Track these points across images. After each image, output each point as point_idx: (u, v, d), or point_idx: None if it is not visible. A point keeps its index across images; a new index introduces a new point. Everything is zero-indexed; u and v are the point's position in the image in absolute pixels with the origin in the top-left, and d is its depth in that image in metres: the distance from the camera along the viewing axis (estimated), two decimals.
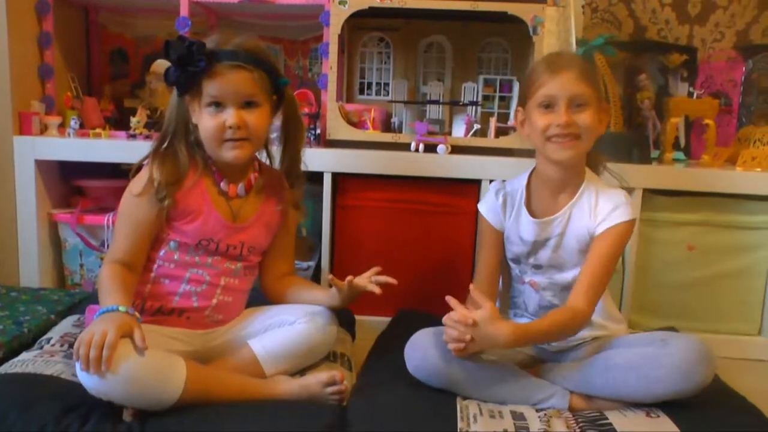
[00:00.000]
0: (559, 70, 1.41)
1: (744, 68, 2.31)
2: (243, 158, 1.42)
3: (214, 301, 1.46)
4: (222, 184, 1.45)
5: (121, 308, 1.24)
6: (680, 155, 2.20)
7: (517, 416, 1.31)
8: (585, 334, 1.49)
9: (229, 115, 1.37)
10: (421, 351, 1.39)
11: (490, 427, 1.25)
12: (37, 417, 1.19)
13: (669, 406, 1.33)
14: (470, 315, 1.31)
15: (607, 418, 1.31)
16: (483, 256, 1.59)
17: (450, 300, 1.36)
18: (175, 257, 1.43)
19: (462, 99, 2.19)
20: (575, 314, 1.39)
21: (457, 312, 1.33)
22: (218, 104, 1.37)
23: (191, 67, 1.33)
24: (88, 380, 1.19)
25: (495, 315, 1.32)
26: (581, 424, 1.30)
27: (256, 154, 1.53)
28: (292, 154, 1.55)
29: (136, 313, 1.26)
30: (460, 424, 1.26)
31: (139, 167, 1.44)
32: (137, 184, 1.40)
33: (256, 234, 1.50)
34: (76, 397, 1.22)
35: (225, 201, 1.46)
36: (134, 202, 1.39)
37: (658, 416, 1.31)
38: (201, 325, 1.46)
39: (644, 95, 2.21)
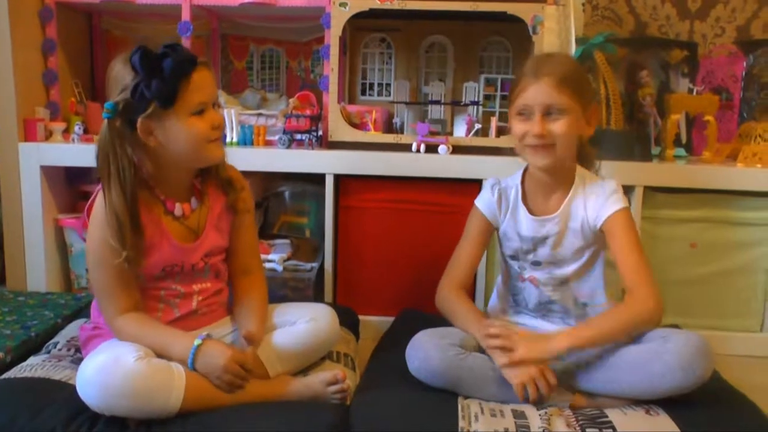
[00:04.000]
0: (538, 78, 1.41)
1: (745, 63, 2.30)
2: (224, 153, 1.43)
3: (194, 305, 1.46)
4: (176, 211, 1.42)
5: (197, 341, 1.30)
6: (681, 152, 2.20)
7: (518, 415, 1.32)
8: None
9: (215, 115, 1.37)
10: (423, 351, 1.41)
11: (491, 426, 1.27)
12: (47, 421, 1.22)
13: (668, 404, 1.34)
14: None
15: (607, 416, 1.33)
16: (467, 247, 1.59)
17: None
18: (144, 284, 1.41)
19: (463, 99, 2.20)
20: (643, 305, 1.39)
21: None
22: (202, 109, 1.35)
23: (189, 68, 1.30)
24: (91, 398, 1.21)
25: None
26: (581, 422, 1.31)
27: None
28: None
29: (208, 334, 1.33)
30: (461, 423, 1.27)
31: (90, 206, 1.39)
32: (95, 236, 1.34)
33: (213, 238, 1.47)
34: (84, 402, 1.23)
35: (179, 224, 1.43)
36: (102, 257, 1.33)
37: (658, 414, 1.33)
38: (194, 326, 1.45)
39: (645, 92, 2.21)
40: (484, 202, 1.59)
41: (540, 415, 1.33)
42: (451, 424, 1.27)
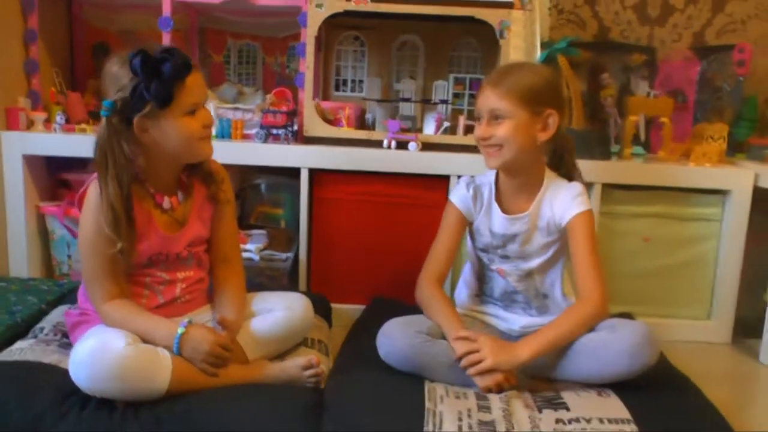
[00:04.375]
0: (488, 86, 1.54)
1: (699, 68, 2.44)
2: (212, 150, 1.52)
3: (178, 292, 1.54)
4: (164, 204, 1.50)
5: (180, 329, 1.38)
6: (640, 150, 2.32)
7: (480, 397, 1.43)
8: (547, 318, 1.62)
9: (206, 115, 1.47)
10: (392, 339, 1.51)
11: (454, 407, 1.37)
12: (40, 401, 1.29)
13: (618, 386, 1.46)
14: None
15: (562, 398, 1.44)
16: (444, 241, 1.67)
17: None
18: (130, 271, 1.48)
19: (433, 97, 2.29)
20: (593, 308, 1.52)
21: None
22: (194, 109, 1.44)
23: (185, 72, 1.38)
24: (82, 380, 1.29)
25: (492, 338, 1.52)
26: (539, 403, 1.42)
27: None
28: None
29: (189, 321, 1.41)
30: (427, 404, 1.37)
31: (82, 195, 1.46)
32: (89, 226, 1.41)
33: (196, 228, 1.56)
34: (74, 384, 1.30)
35: (167, 215, 1.51)
36: (94, 245, 1.41)
37: (609, 396, 1.45)
38: (177, 312, 1.52)
39: (607, 93, 2.34)
40: (459, 198, 1.67)
41: (500, 397, 1.43)
42: (418, 405, 1.37)
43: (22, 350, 1.51)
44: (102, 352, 1.28)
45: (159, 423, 1.28)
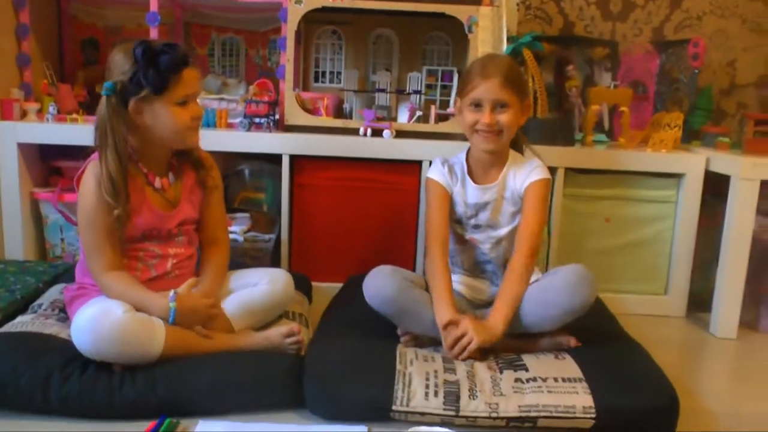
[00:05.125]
0: (487, 77, 1.68)
1: (658, 60, 2.58)
2: (199, 140, 1.65)
3: (169, 266, 1.66)
4: (156, 183, 1.62)
5: (172, 305, 1.50)
6: (602, 137, 2.45)
7: (447, 360, 1.57)
8: None
9: (196, 108, 1.60)
10: (379, 280, 1.64)
11: (423, 368, 1.50)
12: (45, 366, 1.40)
13: (574, 351, 1.61)
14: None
15: (522, 360, 1.58)
16: (436, 216, 1.78)
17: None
18: (126, 246, 1.60)
19: (407, 88, 2.42)
20: (524, 261, 1.68)
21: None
22: (185, 101, 1.56)
23: (182, 66, 1.51)
24: (82, 344, 1.41)
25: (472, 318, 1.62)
26: (500, 365, 1.56)
27: None
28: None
29: (174, 292, 1.53)
30: (398, 366, 1.51)
31: (80, 175, 1.58)
32: (89, 199, 1.53)
33: (187, 210, 1.68)
34: (75, 350, 1.43)
35: (159, 195, 1.63)
36: (95, 216, 1.53)
37: (564, 358, 1.59)
38: (168, 286, 1.60)
39: (572, 84, 2.47)
40: (437, 173, 1.80)
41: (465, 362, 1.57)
42: (390, 366, 1.50)
43: (24, 323, 1.63)
44: (102, 318, 1.40)
45: (154, 384, 1.41)
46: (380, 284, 1.64)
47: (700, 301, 2.26)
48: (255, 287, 1.68)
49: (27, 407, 1.39)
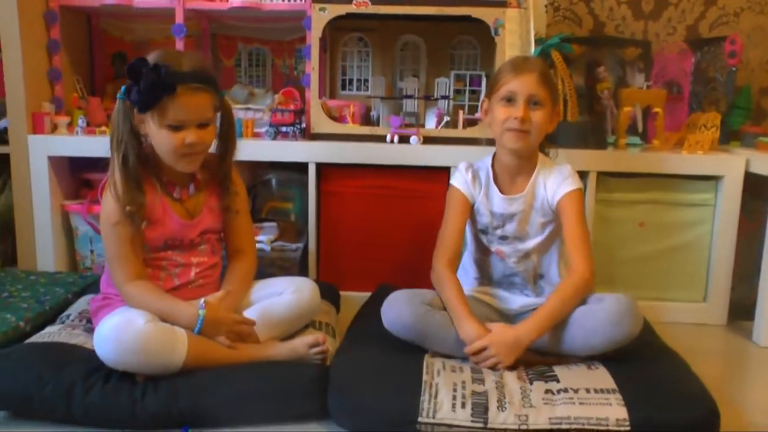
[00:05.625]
0: (523, 72, 1.63)
1: (693, 59, 2.51)
2: (196, 168, 1.61)
3: (192, 275, 1.65)
4: (175, 193, 1.62)
5: (201, 312, 1.49)
6: (636, 140, 2.39)
7: (475, 371, 1.53)
8: (542, 299, 1.70)
9: (189, 135, 1.51)
10: (397, 307, 1.61)
11: (450, 379, 1.47)
12: (69, 375, 1.41)
13: (607, 360, 1.55)
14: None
15: (553, 371, 1.54)
16: (451, 223, 1.74)
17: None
18: (148, 254, 1.61)
19: (435, 93, 2.39)
20: (580, 278, 1.61)
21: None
22: (179, 126, 1.51)
23: (161, 92, 1.45)
24: (104, 353, 1.41)
25: (499, 329, 1.58)
26: (530, 376, 1.51)
27: None
28: (228, 159, 1.68)
29: (204, 301, 1.52)
30: (425, 377, 1.47)
31: (103, 186, 1.58)
32: (110, 212, 1.53)
33: (209, 220, 1.67)
34: (98, 361, 1.43)
35: (180, 204, 1.63)
36: (117, 229, 1.53)
37: (597, 368, 1.54)
38: (191, 296, 1.61)
39: (603, 86, 2.41)
40: (460, 181, 1.76)
41: (494, 372, 1.53)
42: (416, 378, 1.46)
43: (51, 334, 1.64)
44: (125, 328, 1.40)
45: (176, 394, 1.40)
46: (398, 312, 1.60)
47: (741, 309, 2.18)
48: (280, 296, 1.67)
49: (50, 417, 1.40)
